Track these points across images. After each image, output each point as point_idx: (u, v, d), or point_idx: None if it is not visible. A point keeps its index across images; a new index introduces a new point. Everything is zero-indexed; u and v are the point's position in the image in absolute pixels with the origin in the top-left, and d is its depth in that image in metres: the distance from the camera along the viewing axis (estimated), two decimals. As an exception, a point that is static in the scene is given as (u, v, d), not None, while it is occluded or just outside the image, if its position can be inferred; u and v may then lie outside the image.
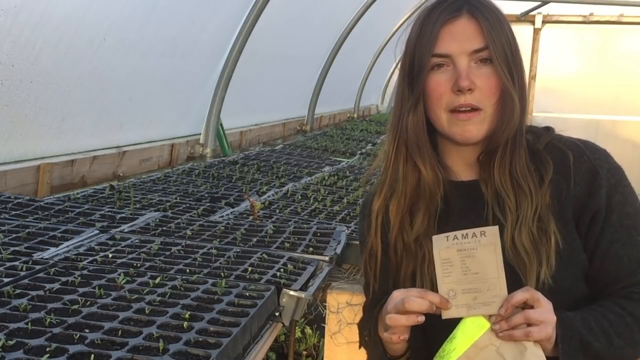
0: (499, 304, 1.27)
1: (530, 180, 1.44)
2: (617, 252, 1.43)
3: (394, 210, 1.51)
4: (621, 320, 1.38)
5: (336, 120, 10.78)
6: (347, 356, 2.43)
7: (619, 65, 13.07)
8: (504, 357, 1.26)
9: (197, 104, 5.46)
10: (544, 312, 1.28)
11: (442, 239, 1.31)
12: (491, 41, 1.39)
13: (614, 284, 1.43)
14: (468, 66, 1.40)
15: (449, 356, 1.30)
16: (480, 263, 1.28)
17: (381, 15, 9.58)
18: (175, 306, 1.80)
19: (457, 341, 1.30)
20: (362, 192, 3.93)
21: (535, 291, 1.29)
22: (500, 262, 1.28)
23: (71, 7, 3.50)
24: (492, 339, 1.27)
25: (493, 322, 1.28)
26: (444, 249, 1.30)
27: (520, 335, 1.26)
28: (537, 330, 1.26)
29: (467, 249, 1.29)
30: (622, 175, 1.48)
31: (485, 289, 1.28)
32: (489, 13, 1.42)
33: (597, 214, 1.43)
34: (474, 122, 1.41)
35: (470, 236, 1.29)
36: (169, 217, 2.92)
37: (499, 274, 1.28)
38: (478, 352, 1.27)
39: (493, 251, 1.28)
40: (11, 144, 3.42)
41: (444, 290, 1.30)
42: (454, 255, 1.30)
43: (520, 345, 1.26)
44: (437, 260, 1.31)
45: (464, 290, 1.29)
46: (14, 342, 1.50)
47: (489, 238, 1.29)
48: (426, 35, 1.42)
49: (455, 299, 1.29)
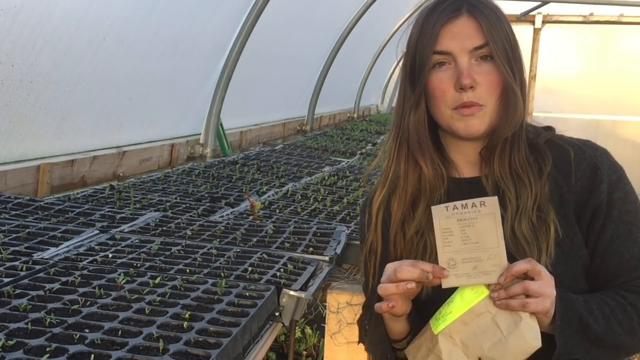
0: (499, 273, 1.28)
1: (529, 172, 1.46)
2: (618, 248, 1.44)
3: (395, 206, 1.53)
4: (622, 308, 1.39)
5: (336, 120, 10.78)
6: (347, 356, 2.43)
7: (619, 65, 13.07)
8: (499, 325, 1.27)
9: (197, 104, 5.46)
10: (544, 286, 1.28)
11: (441, 209, 1.32)
12: (491, 38, 1.42)
13: (615, 279, 1.45)
14: (469, 64, 1.42)
15: (445, 319, 1.31)
16: (480, 232, 1.29)
17: (381, 15, 9.58)
18: (175, 306, 1.80)
19: (454, 305, 1.31)
20: (362, 192, 3.93)
21: (537, 263, 1.29)
22: (500, 232, 1.29)
23: (71, 7, 3.50)
24: (489, 307, 1.28)
25: (492, 290, 1.29)
26: (443, 218, 1.31)
27: (516, 306, 1.27)
28: (535, 302, 1.27)
29: (467, 219, 1.30)
30: (622, 173, 1.50)
31: (486, 258, 1.29)
32: (487, 11, 1.44)
33: (598, 209, 1.45)
34: (477, 116, 1.43)
35: (470, 206, 1.30)
36: (169, 217, 2.92)
37: (499, 244, 1.29)
38: (474, 317, 1.29)
39: (493, 221, 1.29)
40: (11, 144, 3.42)
41: (444, 259, 1.31)
42: (453, 225, 1.30)
43: (515, 315, 1.27)
44: (437, 229, 1.31)
45: (464, 259, 1.30)
46: (14, 342, 1.50)
47: (489, 208, 1.29)
48: (427, 35, 1.44)
49: (455, 268, 1.30)
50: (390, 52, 11.74)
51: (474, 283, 1.30)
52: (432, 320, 1.35)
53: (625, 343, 1.39)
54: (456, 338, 1.29)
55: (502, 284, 1.28)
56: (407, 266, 1.33)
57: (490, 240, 1.29)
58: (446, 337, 1.30)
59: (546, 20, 13.25)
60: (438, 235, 1.31)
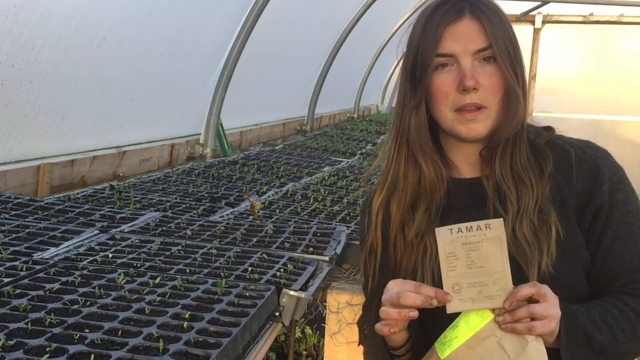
0: (504, 297, 1.27)
1: (531, 172, 1.46)
2: (619, 250, 1.44)
3: (394, 207, 1.53)
4: (624, 315, 1.39)
5: (336, 120, 10.78)
6: (347, 356, 2.43)
7: (619, 65, 13.07)
8: (505, 349, 1.26)
9: (197, 104, 5.46)
10: (549, 307, 1.28)
11: (446, 232, 1.30)
12: (494, 40, 1.41)
13: (616, 281, 1.44)
14: (472, 65, 1.41)
15: (450, 344, 1.30)
16: (485, 256, 1.28)
17: (381, 15, 9.58)
18: (175, 306, 1.80)
19: (460, 330, 1.30)
20: (362, 192, 3.93)
21: (542, 286, 1.28)
22: (506, 255, 1.28)
23: (71, 7, 3.50)
24: (495, 330, 1.27)
25: (497, 314, 1.28)
26: (448, 242, 1.29)
27: (522, 329, 1.26)
28: (541, 325, 1.26)
29: (472, 242, 1.28)
30: (623, 174, 1.49)
31: (491, 283, 1.27)
32: (490, 12, 1.44)
33: (599, 210, 1.44)
34: (479, 120, 1.43)
35: (475, 229, 1.28)
36: (169, 217, 2.92)
37: (504, 268, 1.27)
38: (479, 342, 1.27)
39: (498, 244, 1.27)
40: (11, 144, 3.42)
41: (449, 284, 1.29)
42: (458, 249, 1.28)
43: (522, 339, 1.26)
44: (441, 254, 1.30)
45: (469, 284, 1.28)
46: (14, 342, 1.50)
47: (494, 231, 1.28)
48: (429, 37, 1.43)
49: (460, 293, 1.29)
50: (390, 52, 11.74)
51: (479, 308, 1.28)
52: (437, 344, 1.33)
53: (630, 350, 1.39)
54: None
55: (507, 309, 1.27)
56: (411, 292, 1.31)
57: (495, 264, 1.27)
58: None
59: (546, 20, 13.25)
60: (442, 260, 1.30)
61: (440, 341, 1.33)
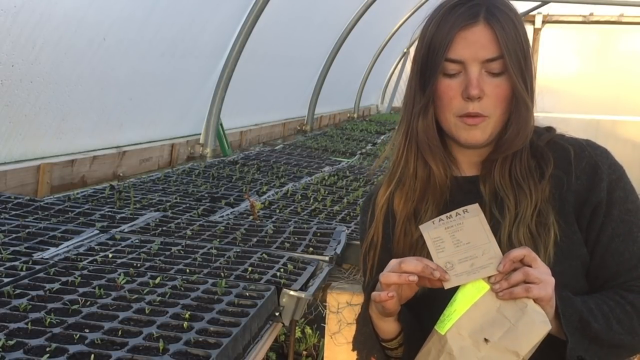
0: (496, 264, 1.30)
1: (530, 180, 1.46)
2: (618, 247, 1.44)
3: (400, 204, 1.53)
4: (621, 307, 1.39)
5: (336, 120, 10.78)
6: (347, 356, 2.43)
7: (619, 65, 13.08)
8: (505, 315, 1.28)
9: (197, 104, 5.46)
10: (543, 273, 1.29)
11: (428, 224, 1.36)
12: (506, 50, 1.40)
13: (615, 279, 1.44)
14: (479, 74, 1.40)
15: (450, 318, 1.32)
16: (469, 233, 1.33)
17: (381, 15, 9.58)
18: (175, 306, 1.80)
19: (457, 304, 1.32)
20: (362, 192, 3.93)
21: (532, 251, 1.30)
22: (488, 229, 1.32)
23: (71, 7, 3.50)
24: (493, 300, 1.30)
25: (492, 282, 1.30)
26: (432, 230, 1.35)
27: (520, 292, 1.27)
28: (537, 288, 1.27)
29: (454, 225, 1.34)
30: (622, 172, 1.49)
31: (480, 254, 1.31)
32: (505, 20, 1.41)
33: (598, 207, 1.44)
34: (480, 127, 1.44)
35: (455, 216, 1.34)
36: (169, 217, 2.92)
37: (489, 239, 1.32)
38: (479, 312, 1.30)
39: (478, 222, 1.33)
40: (11, 144, 3.42)
41: (441, 264, 1.33)
42: (442, 233, 1.34)
43: (520, 303, 1.28)
44: (428, 241, 1.35)
45: (460, 260, 1.32)
46: (14, 342, 1.50)
47: (472, 212, 1.33)
48: (441, 38, 1.42)
49: (454, 269, 1.32)
50: (391, 52, 11.76)
51: (475, 278, 1.31)
52: (437, 325, 1.35)
53: (626, 342, 1.39)
54: (464, 334, 1.30)
55: (502, 272, 1.28)
56: (413, 260, 1.34)
57: (480, 237, 1.32)
58: (454, 335, 1.30)
59: (546, 20, 13.27)
60: (430, 246, 1.34)
61: (439, 320, 1.35)
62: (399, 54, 13.43)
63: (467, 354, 1.29)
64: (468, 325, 1.30)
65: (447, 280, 1.32)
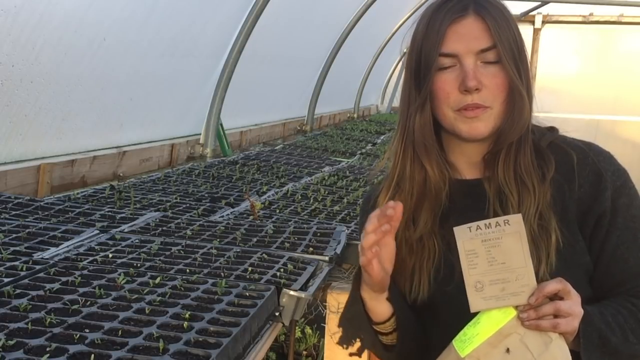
0: (529, 294, 1.25)
1: (534, 177, 1.44)
2: (623, 255, 1.43)
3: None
4: (634, 316, 1.38)
5: (336, 120, 10.78)
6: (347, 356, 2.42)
7: (619, 65, 13.07)
8: (528, 347, 1.24)
9: (197, 104, 5.46)
10: (573, 305, 1.26)
11: (464, 230, 1.28)
12: (498, 40, 1.39)
13: (621, 285, 1.43)
14: (475, 65, 1.40)
15: (472, 341, 1.27)
16: (506, 252, 1.26)
17: (381, 15, 9.58)
18: (175, 306, 1.80)
19: (481, 327, 1.27)
20: (362, 192, 3.93)
21: (567, 282, 1.27)
22: (527, 250, 1.26)
23: (71, 7, 3.50)
24: (517, 327, 1.25)
25: (520, 311, 1.25)
26: (467, 240, 1.28)
27: (547, 326, 1.24)
28: (565, 323, 1.24)
29: (492, 239, 1.27)
30: (627, 177, 1.47)
31: (514, 279, 1.25)
32: (495, 11, 1.42)
33: (602, 216, 1.43)
34: (481, 118, 1.41)
35: (494, 225, 1.27)
36: (169, 217, 2.92)
37: (526, 263, 1.25)
38: (502, 339, 1.25)
39: (518, 239, 1.26)
40: (11, 144, 3.42)
41: (471, 282, 1.27)
42: (478, 246, 1.27)
43: (545, 336, 1.24)
44: (461, 252, 1.28)
45: (492, 281, 1.26)
46: (14, 342, 1.50)
47: (513, 226, 1.26)
48: (432, 35, 1.41)
49: (483, 291, 1.27)
50: (391, 52, 11.75)
51: (504, 305, 1.26)
52: (455, 341, 1.31)
53: (639, 351, 1.38)
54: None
55: (532, 305, 1.24)
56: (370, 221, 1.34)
57: (517, 259, 1.26)
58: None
59: (546, 20, 13.26)
60: (463, 258, 1.28)
61: (459, 339, 1.30)
62: (399, 54, 13.42)
63: None
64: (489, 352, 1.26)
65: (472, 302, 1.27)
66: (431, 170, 1.48)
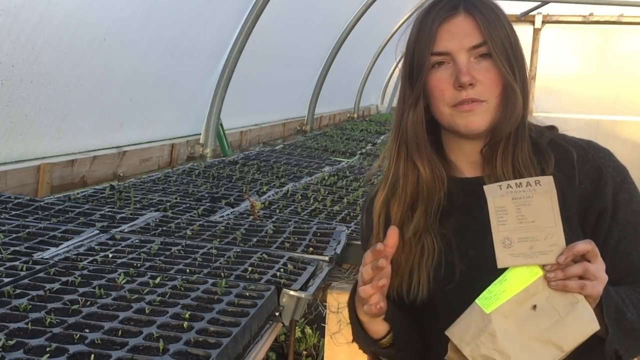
0: (557, 253, 1.24)
1: (533, 171, 1.45)
2: (626, 249, 1.44)
3: (394, 208, 1.52)
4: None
5: (336, 120, 10.78)
6: (347, 356, 2.43)
7: (619, 65, 13.07)
8: (555, 307, 1.23)
9: (197, 104, 5.46)
10: (600, 269, 1.25)
11: (494, 188, 1.28)
12: (489, 36, 1.41)
13: (623, 279, 1.43)
14: (468, 62, 1.41)
15: (497, 298, 1.26)
16: (536, 211, 1.25)
17: (381, 15, 9.58)
18: (175, 306, 1.80)
19: (507, 284, 1.26)
20: (362, 192, 3.93)
21: (595, 246, 1.26)
22: (557, 210, 1.25)
23: (71, 7, 3.50)
24: (544, 287, 1.24)
25: (548, 270, 1.24)
26: (497, 197, 1.27)
27: (574, 287, 1.23)
28: (591, 285, 1.23)
29: (523, 197, 1.26)
30: (626, 173, 1.49)
31: (543, 238, 1.25)
32: (485, 9, 1.43)
33: (603, 212, 1.44)
34: (477, 112, 1.42)
35: (525, 185, 1.27)
36: (169, 217, 2.92)
37: (556, 223, 1.25)
38: (528, 298, 1.24)
39: (549, 199, 1.25)
40: (11, 144, 3.42)
41: (500, 238, 1.26)
42: (508, 204, 1.26)
43: (571, 297, 1.23)
44: (491, 208, 1.27)
45: (520, 238, 1.25)
46: (14, 342, 1.50)
47: (544, 187, 1.26)
48: (424, 36, 1.43)
49: (512, 248, 1.25)
50: (390, 52, 11.73)
51: (532, 263, 1.25)
52: (479, 300, 1.29)
53: None
54: (510, 318, 1.25)
55: (560, 264, 1.24)
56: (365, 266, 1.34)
57: (547, 219, 1.25)
58: (500, 317, 1.25)
59: (546, 20, 13.26)
60: (492, 214, 1.27)
61: (483, 296, 1.29)
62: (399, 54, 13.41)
63: (510, 338, 1.24)
64: (515, 309, 1.25)
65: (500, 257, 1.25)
66: (423, 169, 1.49)
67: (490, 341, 1.26)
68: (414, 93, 1.46)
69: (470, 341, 1.28)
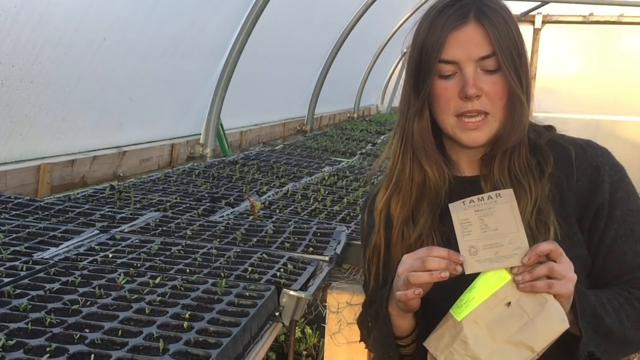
0: (522, 256, 1.27)
1: (529, 176, 1.46)
2: (621, 248, 1.45)
3: (397, 208, 1.53)
4: (630, 303, 1.40)
5: (336, 120, 10.78)
6: (347, 356, 2.43)
7: (619, 65, 13.07)
8: (524, 309, 1.26)
9: (197, 104, 5.46)
10: (567, 269, 1.28)
11: (458, 204, 1.33)
12: (498, 47, 1.40)
13: (618, 278, 1.45)
14: (475, 73, 1.40)
15: (468, 305, 1.30)
16: (498, 220, 1.30)
17: (381, 15, 9.58)
18: (175, 306, 1.80)
19: (477, 291, 1.30)
20: (362, 192, 3.93)
21: (558, 246, 1.28)
22: (519, 218, 1.30)
23: (71, 7, 3.50)
24: (513, 291, 1.28)
25: (515, 273, 1.28)
26: (461, 211, 1.32)
27: (542, 287, 1.26)
28: (559, 284, 1.26)
29: (485, 209, 1.32)
30: (624, 172, 1.50)
31: (507, 243, 1.29)
32: (495, 17, 1.42)
33: (600, 209, 1.45)
34: (481, 129, 1.44)
35: (487, 199, 1.32)
36: (169, 217, 2.92)
37: (518, 228, 1.29)
38: (498, 302, 1.28)
39: (510, 209, 1.30)
40: (11, 144, 3.42)
41: (465, 247, 1.31)
42: (471, 216, 1.32)
43: (540, 298, 1.26)
44: (455, 222, 1.32)
45: (485, 245, 1.30)
46: (14, 342, 1.50)
47: (505, 198, 1.31)
48: (433, 40, 1.42)
49: (477, 255, 1.30)
50: (391, 52, 11.75)
51: (497, 267, 1.29)
52: (452, 309, 1.33)
53: (634, 338, 1.39)
54: (481, 323, 1.28)
55: (526, 265, 1.27)
56: (434, 257, 1.32)
57: (509, 226, 1.30)
58: (471, 323, 1.29)
59: (546, 20, 13.26)
60: (457, 227, 1.32)
61: (455, 306, 1.33)
62: (399, 54, 13.43)
63: (481, 343, 1.28)
64: (485, 314, 1.28)
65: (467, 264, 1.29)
66: (431, 172, 1.50)
67: (462, 348, 1.29)
68: (420, 100, 1.46)
69: (444, 349, 1.32)
